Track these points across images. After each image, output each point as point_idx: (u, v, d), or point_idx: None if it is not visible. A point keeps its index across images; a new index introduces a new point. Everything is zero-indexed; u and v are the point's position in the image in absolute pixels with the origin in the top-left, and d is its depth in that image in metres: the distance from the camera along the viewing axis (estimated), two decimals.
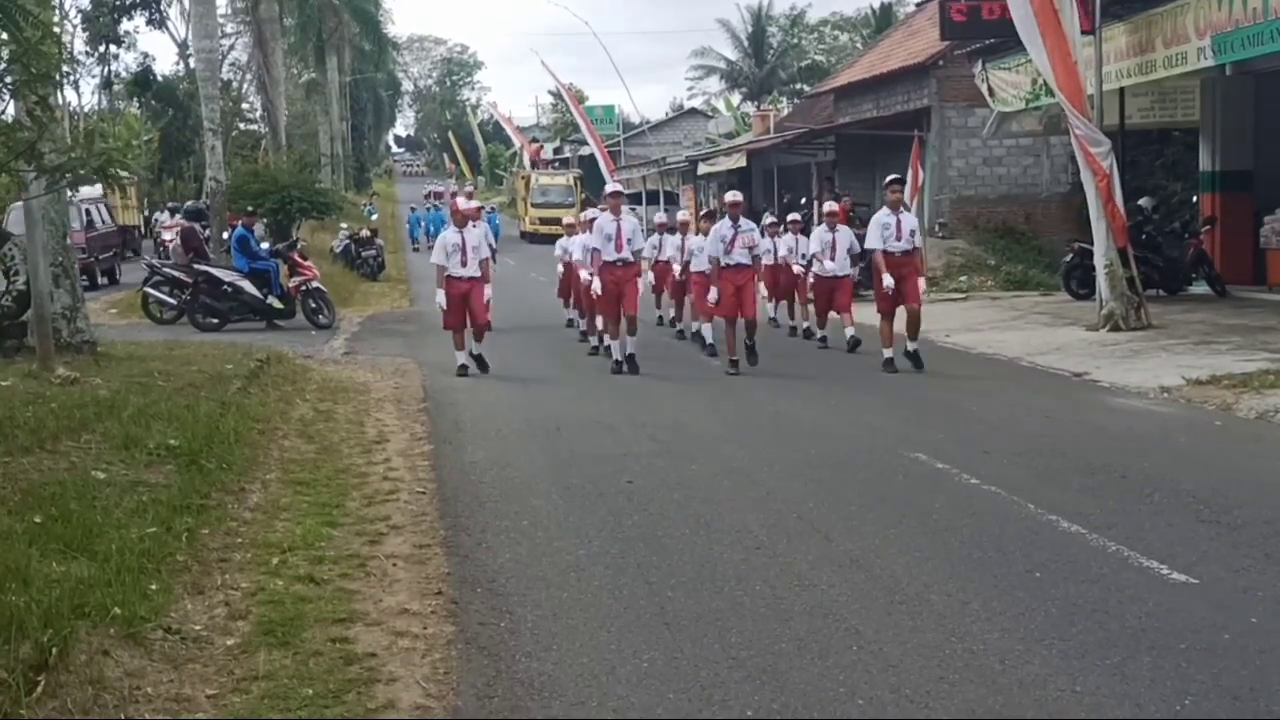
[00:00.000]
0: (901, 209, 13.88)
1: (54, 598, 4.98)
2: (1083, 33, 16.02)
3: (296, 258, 20.52)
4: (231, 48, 51.76)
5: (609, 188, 15.23)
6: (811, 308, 17.05)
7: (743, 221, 13.99)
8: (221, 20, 36.54)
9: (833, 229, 16.11)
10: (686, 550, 6.67)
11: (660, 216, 19.59)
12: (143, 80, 52.30)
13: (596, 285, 14.17)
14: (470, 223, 14.36)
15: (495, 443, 9.92)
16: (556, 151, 74.02)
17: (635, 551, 6.66)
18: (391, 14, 74.35)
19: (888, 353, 13.58)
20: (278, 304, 19.75)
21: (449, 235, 14.00)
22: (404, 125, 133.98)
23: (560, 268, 19.63)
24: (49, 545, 5.82)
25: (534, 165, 64.82)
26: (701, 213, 16.29)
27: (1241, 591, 5.80)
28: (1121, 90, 18.08)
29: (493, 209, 43.18)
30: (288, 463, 9.09)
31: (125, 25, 49.00)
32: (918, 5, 34.61)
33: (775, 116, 45.17)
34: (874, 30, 55.60)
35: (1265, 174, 19.10)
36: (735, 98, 67.22)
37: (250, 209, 23.19)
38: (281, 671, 4.91)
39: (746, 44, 67.79)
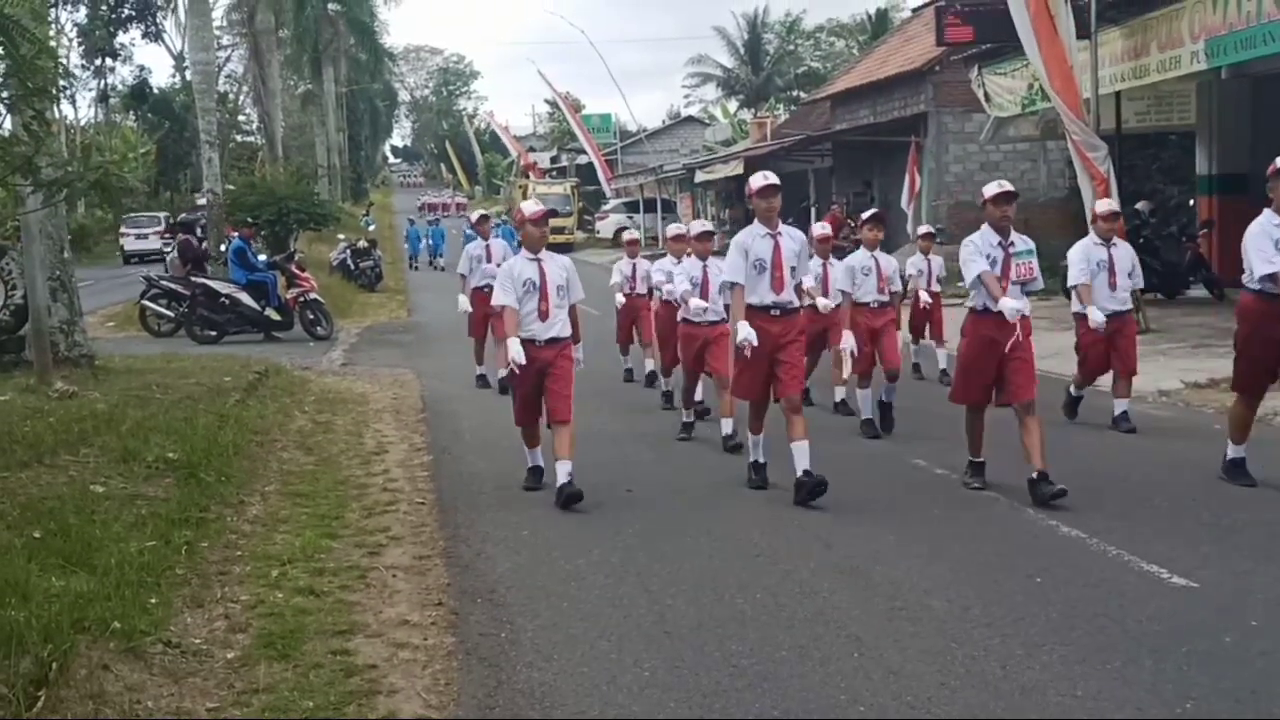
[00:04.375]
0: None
1: (53, 612, 4.97)
2: (1078, 37, 16.05)
3: (294, 269, 20.53)
4: (228, 60, 51.96)
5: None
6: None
7: (1016, 237, 8.06)
8: (217, 32, 36.61)
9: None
10: (687, 558, 6.67)
11: (820, 228, 12.08)
12: (139, 93, 52.48)
13: (748, 334, 7.89)
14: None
15: (494, 453, 9.91)
16: (553, 160, 74.11)
17: (635, 560, 6.66)
18: (388, 25, 74.53)
19: (1236, 452, 8.13)
20: (275, 315, 19.76)
21: (518, 265, 8.21)
22: (401, 136, 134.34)
23: (620, 300, 13.67)
24: (48, 560, 5.81)
25: (526, 174, 64.84)
26: (864, 216, 11.39)
27: (1242, 595, 5.80)
28: (1117, 94, 18.11)
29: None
30: (287, 475, 9.08)
31: (121, 38, 49.15)
32: (914, 11, 34.69)
33: (772, 124, 45.25)
34: (870, 36, 55.65)
35: (1262, 177, 19.04)
36: (732, 105, 67.30)
37: (249, 221, 23.18)
38: (282, 684, 4.90)
39: (743, 51, 67.90)
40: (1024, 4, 15.85)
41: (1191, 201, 21.06)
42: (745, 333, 7.91)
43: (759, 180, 8.11)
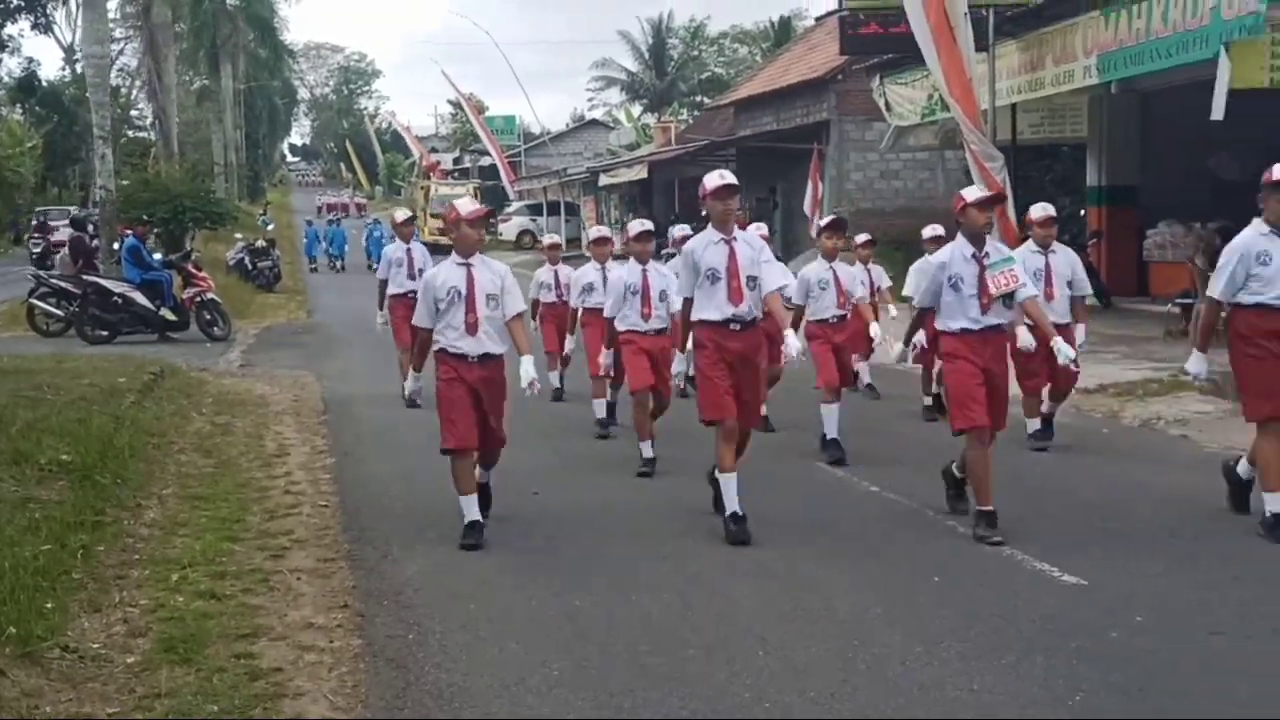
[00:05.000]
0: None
1: None
2: (976, 50, 16.42)
3: (190, 268, 20.16)
4: (120, 53, 50.73)
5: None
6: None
7: (991, 246, 7.35)
8: (111, 25, 35.73)
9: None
10: (595, 560, 6.71)
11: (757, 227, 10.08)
12: (26, 86, 51.00)
13: (679, 370, 8.09)
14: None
15: (398, 455, 9.85)
16: (456, 161, 73.66)
17: (543, 563, 6.68)
18: (288, 21, 73.26)
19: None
20: (171, 315, 19.37)
21: (443, 272, 7.20)
22: (300, 134, 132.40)
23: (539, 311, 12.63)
24: None
25: (428, 175, 64.30)
26: (821, 223, 10.39)
27: (1128, 592, 6.01)
28: (1013, 106, 18.56)
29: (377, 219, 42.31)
30: (185, 477, 8.93)
31: (9, 29, 47.72)
32: (817, 20, 35.17)
33: (676, 128, 45.50)
34: (773, 43, 56.25)
35: (1149, 189, 19.72)
36: (636, 109, 67.51)
37: (143, 219, 22.66)
38: (185, 689, 4.84)
39: (647, 55, 68.15)
40: (924, 16, 16.17)
41: (1082, 212, 21.64)
42: (678, 368, 7.79)
43: (714, 180, 7.21)
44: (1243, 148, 16.50)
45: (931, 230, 11.63)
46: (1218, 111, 12.10)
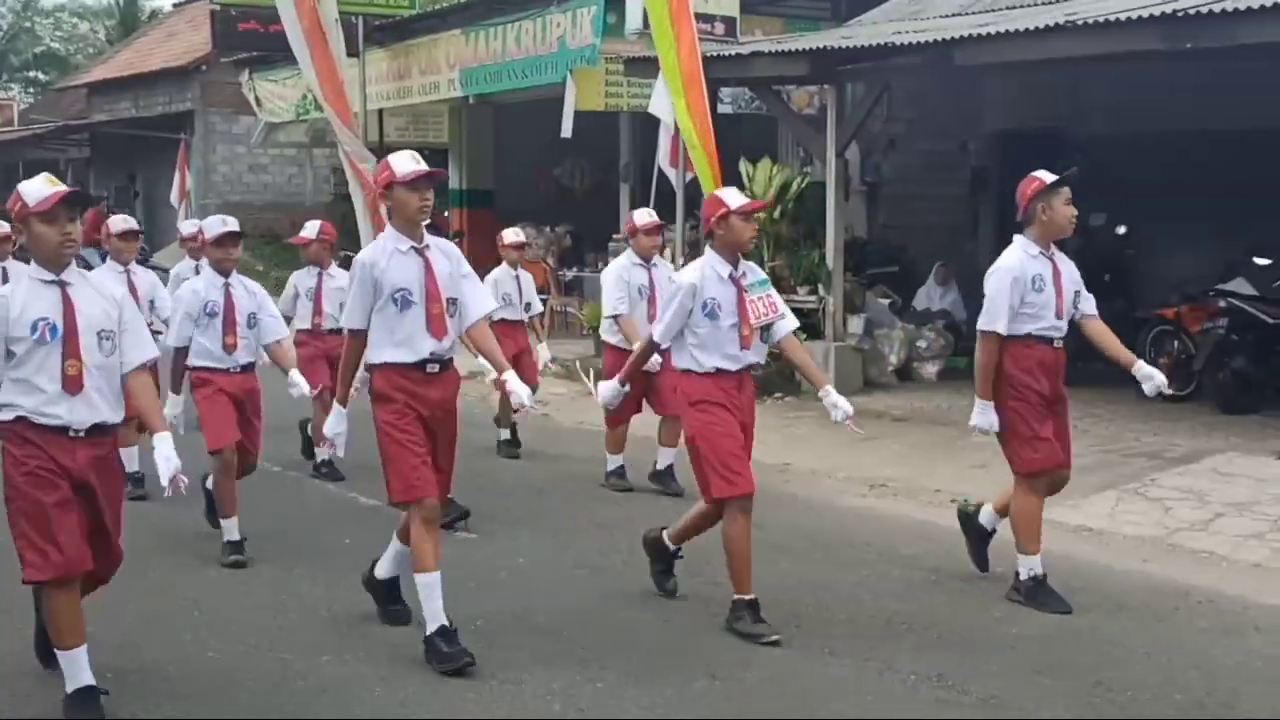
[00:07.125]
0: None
1: None
2: (348, 55, 17.24)
3: None
4: None
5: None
6: None
7: (745, 265, 5.84)
8: None
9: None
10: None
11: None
12: None
13: (336, 430, 5.52)
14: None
15: None
16: None
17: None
18: None
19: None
20: None
21: (24, 297, 4.46)
22: None
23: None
24: None
25: None
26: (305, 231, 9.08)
27: (513, 541, 7.21)
28: (380, 110, 19.63)
29: None
30: None
31: None
32: (175, 6, 34.25)
33: (17, 107, 42.05)
34: (119, 21, 53.42)
35: (504, 193, 21.64)
36: None
37: None
38: None
39: None
40: (297, 18, 16.68)
41: (446, 213, 23.27)
42: (335, 428, 5.43)
43: (406, 164, 5.26)
44: (583, 160, 18.86)
45: (513, 235, 10.39)
46: (566, 130, 13.86)
